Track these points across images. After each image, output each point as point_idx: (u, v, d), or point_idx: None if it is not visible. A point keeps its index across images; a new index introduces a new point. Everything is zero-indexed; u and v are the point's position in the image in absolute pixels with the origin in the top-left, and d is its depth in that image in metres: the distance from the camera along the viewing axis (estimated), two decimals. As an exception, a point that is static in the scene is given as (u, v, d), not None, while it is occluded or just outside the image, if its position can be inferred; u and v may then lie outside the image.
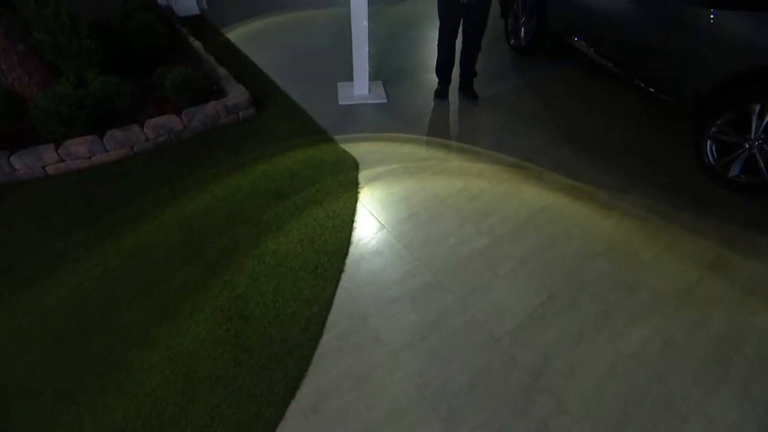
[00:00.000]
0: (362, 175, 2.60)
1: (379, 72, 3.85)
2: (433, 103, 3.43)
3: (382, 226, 2.29)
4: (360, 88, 3.38)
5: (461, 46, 3.21)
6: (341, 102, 3.34)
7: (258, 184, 2.54)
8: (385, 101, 3.37)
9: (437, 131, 3.07)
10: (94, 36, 3.19)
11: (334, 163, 2.68)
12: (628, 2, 3.06)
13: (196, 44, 4.08)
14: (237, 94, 3.12)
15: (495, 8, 4.01)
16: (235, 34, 4.84)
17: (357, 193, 2.47)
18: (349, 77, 3.42)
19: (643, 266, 2.15)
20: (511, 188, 2.57)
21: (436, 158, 2.77)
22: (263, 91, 3.52)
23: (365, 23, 3.02)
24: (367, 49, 3.17)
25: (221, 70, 3.46)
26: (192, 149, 2.84)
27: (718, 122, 2.67)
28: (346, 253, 2.14)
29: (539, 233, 2.29)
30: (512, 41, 4.50)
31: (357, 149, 2.82)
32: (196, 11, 5.57)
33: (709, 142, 2.76)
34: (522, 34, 4.37)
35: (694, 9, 2.65)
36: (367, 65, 3.26)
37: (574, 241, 2.27)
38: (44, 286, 1.98)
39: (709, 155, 2.76)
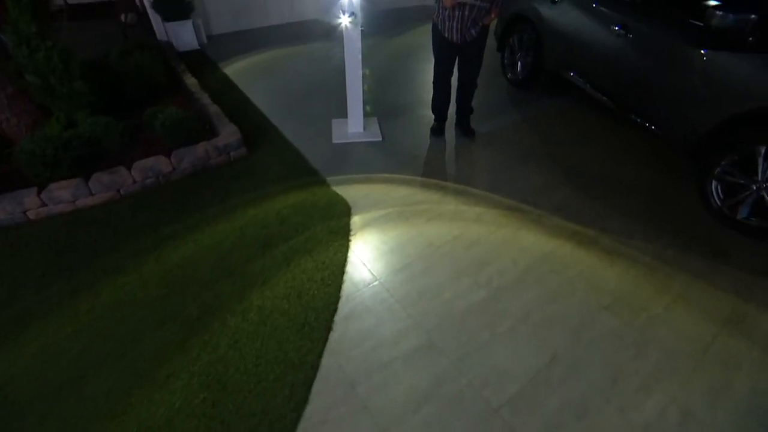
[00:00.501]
0: (354, 221, 2.50)
1: (375, 107, 3.80)
2: (429, 141, 3.36)
3: (374, 279, 2.17)
4: (354, 126, 3.33)
5: (457, 83, 3.17)
6: (335, 140, 3.28)
7: (246, 231, 2.43)
8: (380, 139, 3.31)
9: (433, 171, 2.98)
10: (88, 76, 3.16)
11: (325, 208, 2.58)
12: (621, 39, 3.03)
13: (192, 81, 4.07)
14: (228, 134, 3.06)
15: (491, 43, 4.01)
16: (232, 69, 4.85)
17: (348, 241, 2.36)
18: (345, 113, 3.37)
19: (652, 321, 2.01)
20: (510, 234, 2.46)
21: (432, 201, 2.67)
22: (256, 129, 3.47)
23: (359, 62, 2.98)
24: (361, 87, 3.12)
25: (214, 109, 3.42)
26: (180, 192, 2.75)
27: (723, 162, 2.58)
28: (335, 310, 2.01)
29: (540, 285, 2.16)
30: (509, 75, 4.49)
31: (350, 192, 2.73)
32: (195, 46, 5.63)
33: (714, 183, 2.66)
34: (519, 69, 4.36)
35: (690, 48, 2.61)
36: (361, 103, 3.21)
37: (578, 293, 2.14)
38: (6, 350, 1.85)
39: (715, 196, 2.66)
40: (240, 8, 6.29)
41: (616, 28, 3.08)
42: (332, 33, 2.86)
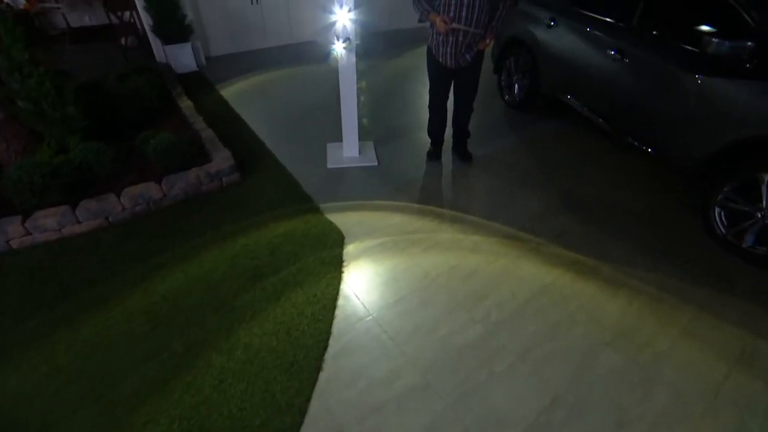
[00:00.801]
0: (348, 251, 2.43)
1: (371, 130, 3.78)
2: (425, 165, 3.32)
3: (367, 313, 2.08)
4: (349, 151, 3.28)
5: (453, 107, 3.14)
6: (330, 165, 3.23)
7: (236, 261, 2.36)
8: (376, 164, 3.26)
9: (429, 198, 2.92)
10: (82, 101, 3.14)
11: (318, 237, 2.51)
12: (617, 63, 3.01)
13: (187, 104, 4.06)
14: (221, 159, 3.02)
15: (488, 65, 4.01)
16: (229, 91, 4.86)
17: (341, 272, 2.28)
18: (341, 136, 3.33)
19: (658, 358, 1.92)
20: (508, 264, 2.38)
21: (428, 229, 2.60)
22: (251, 153, 3.43)
23: (354, 87, 2.95)
24: (356, 111, 3.10)
25: (208, 133, 3.39)
26: (170, 220, 2.69)
27: (725, 189, 2.53)
28: (325, 347, 1.92)
29: (539, 319, 2.07)
30: (506, 97, 4.48)
31: (344, 220, 2.67)
32: (194, 68, 5.66)
33: (716, 209, 2.60)
34: (516, 91, 4.35)
35: (686, 74, 2.58)
36: (356, 128, 3.18)
37: (579, 327, 2.05)
38: (-22, 391, 1.75)
39: (719, 223, 2.60)
40: (239, 30, 6.36)
41: (612, 52, 3.07)
42: (330, 55, 2.83)
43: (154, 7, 5.13)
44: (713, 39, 2.36)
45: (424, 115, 3.29)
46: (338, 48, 2.68)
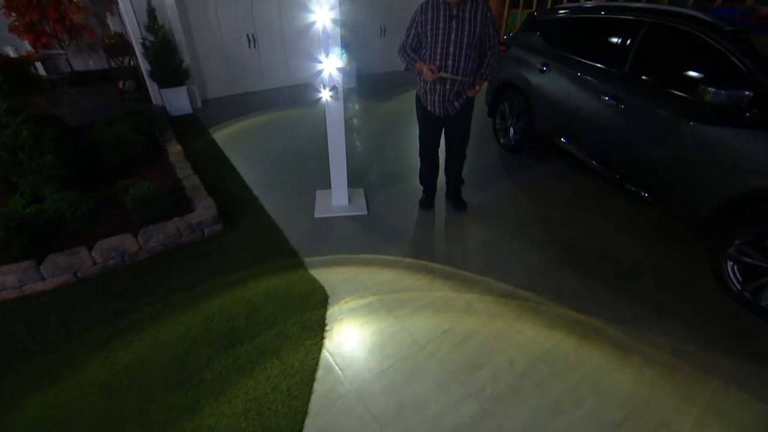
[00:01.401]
0: (331, 313, 2.24)
1: (362, 176, 3.67)
2: (417, 214, 3.18)
3: (349, 388, 1.87)
4: (338, 199, 3.16)
5: (445, 155, 3.04)
6: (317, 215, 3.09)
7: (210, 325, 2.17)
8: (365, 213, 3.12)
9: (421, 250, 2.76)
10: (63, 148, 3.06)
11: (300, 297, 2.33)
12: (613, 109, 2.94)
13: (176, 149, 3.98)
14: (204, 209, 2.89)
15: (482, 108, 3.97)
16: (221, 134, 4.82)
17: (322, 338, 2.08)
18: (330, 183, 3.21)
19: (678, 443, 1.69)
20: (505, 327, 2.18)
21: (419, 287, 2.42)
22: (237, 201, 3.31)
23: (342, 135, 2.87)
24: (344, 159, 3.00)
25: (193, 180, 3.29)
26: (144, 275, 2.52)
27: (736, 242, 2.37)
28: (300, 430, 1.70)
29: (540, 394, 1.86)
30: (501, 140, 4.42)
31: (329, 276, 2.50)
32: (188, 110, 5.68)
33: (729, 263, 2.42)
34: (511, 134, 4.30)
35: (684, 122, 2.49)
36: (345, 175, 3.07)
37: (585, 404, 1.83)
38: None
39: (733, 278, 2.41)
40: (236, 73, 6.44)
41: (607, 98, 3.00)
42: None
43: (151, 53, 5.19)
44: (710, 88, 2.28)
45: (418, 160, 3.19)
46: (325, 96, 2.61)
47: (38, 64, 6.61)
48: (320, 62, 2.48)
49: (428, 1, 2.48)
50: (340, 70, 2.56)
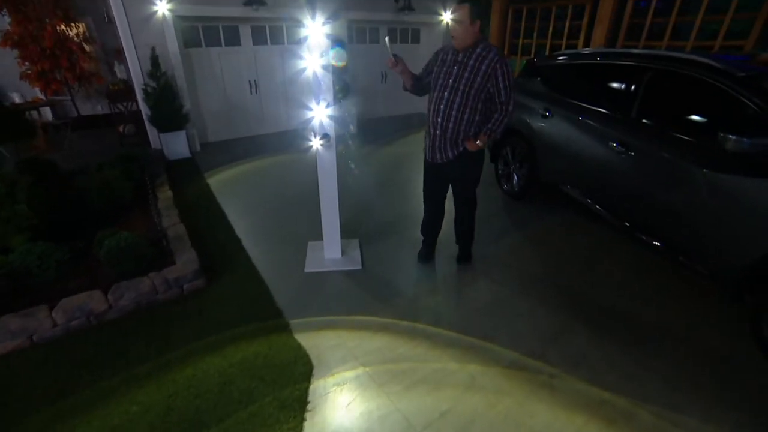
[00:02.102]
0: (315, 388, 1.95)
1: (358, 226, 3.47)
2: (416, 269, 2.93)
3: (329, 490, 1.56)
4: (331, 252, 2.94)
5: (454, 206, 2.81)
6: (308, 269, 2.86)
7: (173, 403, 1.89)
8: (360, 268, 2.89)
9: (419, 312, 2.49)
10: (43, 194, 2.92)
11: (281, 368, 2.05)
12: (623, 157, 2.76)
13: (166, 195, 3.84)
14: (185, 262, 2.67)
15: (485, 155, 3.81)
16: (216, 179, 4.70)
17: (302, 421, 1.79)
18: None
19: None
20: (515, 407, 1.88)
21: (415, 357, 2.14)
22: (223, 253, 3.10)
23: (335, 186, 2.70)
24: (337, 211, 2.81)
25: (178, 229, 3.10)
26: (109, 340, 2.26)
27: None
28: None
29: (563, 501, 1.53)
30: (504, 187, 4.26)
31: (315, 342, 2.23)
32: (186, 154, 5.62)
33: (769, 328, 2.14)
34: (514, 180, 4.13)
35: (704, 172, 2.29)
36: (338, 228, 2.86)
37: None
38: None
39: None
40: (237, 118, 6.47)
41: (615, 144, 2.84)
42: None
43: (152, 98, 5.21)
44: (731, 136, 2.10)
45: (416, 209, 2.99)
46: (315, 145, 2.46)
47: (46, 109, 6.72)
48: (310, 109, 2.35)
49: (446, 47, 2.41)
50: (334, 116, 2.42)
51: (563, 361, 2.13)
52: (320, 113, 2.36)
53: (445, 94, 2.35)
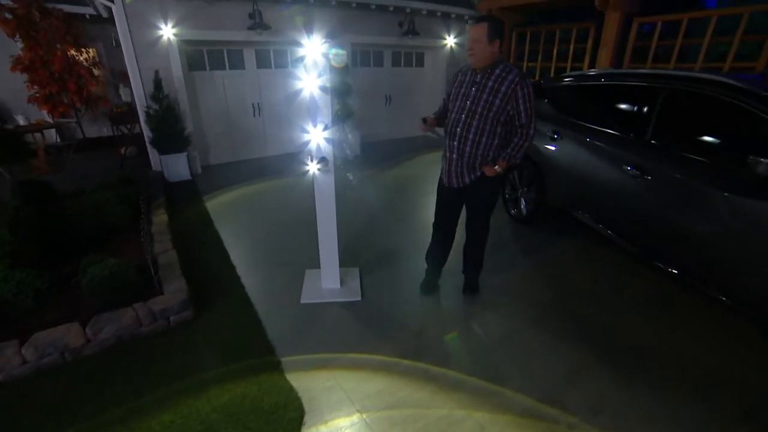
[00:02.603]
0: (304, 439, 1.75)
1: (358, 253, 3.30)
2: (419, 302, 2.74)
3: None
4: (329, 281, 2.77)
5: (466, 232, 2.64)
6: (304, 300, 2.68)
7: (147, 454, 1.69)
8: (359, 299, 2.70)
9: (422, 349, 2.28)
10: (27, 220, 2.81)
11: (269, 413, 1.85)
12: (638, 181, 2.60)
13: (161, 219, 3.72)
14: (172, 292, 2.51)
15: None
16: (215, 202, 4.59)
17: (288, 481, 1.58)
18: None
19: None
20: (532, 464, 1.66)
21: (417, 402, 1.93)
22: (215, 281, 2.94)
23: (333, 213, 2.55)
24: (336, 240, 2.65)
25: (169, 256, 2.95)
26: (84, 378, 2.08)
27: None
28: None
29: None
30: (512, 211, 4.09)
31: (309, 384, 2.03)
32: (187, 177, 5.54)
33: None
34: (522, 205, 3.97)
35: (732, 198, 2.12)
36: (337, 256, 2.70)
37: None
38: None
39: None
40: (240, 140, 6.42)
41: (629, 168, 2.69)
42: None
43: (154, 121, 5.17)
44: (762, 159, 1.94)
45: (422, 235, 2.82)
46: (312, 169, 2.33)
47: (50, 131, 6.75)
48: (307, 132, 2.23)
49: (466, 66, 2.29)
50: (332, 139, 2.30)
51: (582, 408, 1.91)
52: (317, 136, 2.24)
53: (462, 116, 2.23)
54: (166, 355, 2.23)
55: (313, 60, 2.06)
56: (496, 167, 2.23)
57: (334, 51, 2.10)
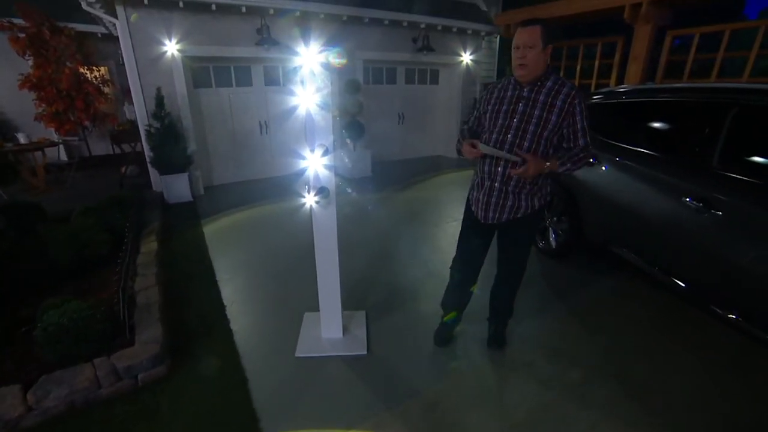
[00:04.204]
0: None
1: (365, 293, 2.88)
2: (437, 357, 2.28)
3: None
4: (330, 330, 2.35)
5: (497, 272, 2.23)
6: (299, 353, 2.26)
7: None
8: (365, 353, 2.27)
9: (438, 426, 1.83)
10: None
11: None
12: (703, 216, 2.15)
13: (151, 247, 3.37)
14: (145, 343, 2.13)
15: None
16: (213, 227, 4.25)
17: None
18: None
19: None
20: None
21: None
22: (201, 325, 2.54)
23: (335, 251, 2.15)
24: (338, 282, 2.24)
25: (149, 295, 2.58)
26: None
27: None
28: None
29: None
30: (540, 244, 3.63)
31: (295, 475, 1.60)
32: (188, 198, 5.25)
33: None
34: (551, 237, 3.52)
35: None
36: (339, 302, 2.29)
37: None
38: None
39: None
40: (246, 159, 6.14)
41: (688, 200, 2.24)
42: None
43: (153, 140, 4.92)
44: None
45: (441, 270, 2.39)
46: (310, 202, 1.94)
47: (54, 149, 6.59)
48: (303, 158, 1.85)
49: (500, 80, 1.94)
50: (333, 165, 1.91)
51: None
52: (315, 162, 1.86)
53: (509, 136, 1.82)
54: (124, 429, 1.82)
55: (311, 71, 1.70)
56: (547, 164, 1.76)
57: (334, 53, 1.73)
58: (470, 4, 7.35)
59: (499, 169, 1.86)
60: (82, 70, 6.15)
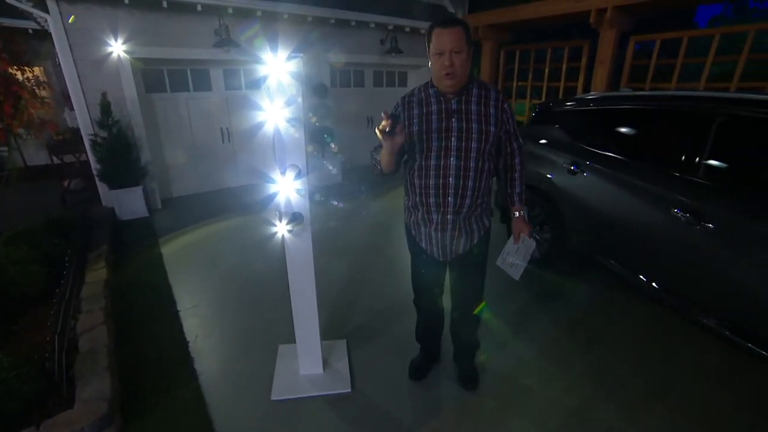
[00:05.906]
0: None
1: (344, 318, 2.65)
2: (433, 391, 2.08)
3: None
4: (308, 366, 2.10)
5: (452, 305, 1.99)
6: (276, 396, 2.00)
7: None
8: (349, 390, 2.04)
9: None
10: None
11: None
12: (693, 228, 2.09)
13: (99, 275, 2.98)
14: (87, 402, 1.80)
15: (495, 214, 3.12)
16: (173, 246, 3.87)
17: None
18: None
19: None
20: None
21: None
22: (159, 369, 2.23)
23: (312, 281, 1.91)
24: (316, 315, 2.00)
25: (95, 336, 2.24)
26: None
27: None
28: None
29: None
30: (522, 252, 3.53)
31: None
32: (144, 213, 4.79)
33: None
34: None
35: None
36: (317, 336, 2.04)
37: None
38: None
39: None
40: (207, 169, 5.72)
41: (676, 211, 2.18)
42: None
43: (101, 151, 4.44)
44: None
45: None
46: (281, 231, 1.70)
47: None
48: (273, 182, 1.61)
49: (414, 93, 1.66)
50: (306, 189, 1.68)
51: None
52: (287, 186, 1.62)
53: (451, 160, 1.58)
54: None
55: (278, 82, 1.46)
56: (521, 211, 1.77)
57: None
58: (437, 5, 7.25)
59: (449, 199, 1.62)
60: (10, 70, 5.52)
